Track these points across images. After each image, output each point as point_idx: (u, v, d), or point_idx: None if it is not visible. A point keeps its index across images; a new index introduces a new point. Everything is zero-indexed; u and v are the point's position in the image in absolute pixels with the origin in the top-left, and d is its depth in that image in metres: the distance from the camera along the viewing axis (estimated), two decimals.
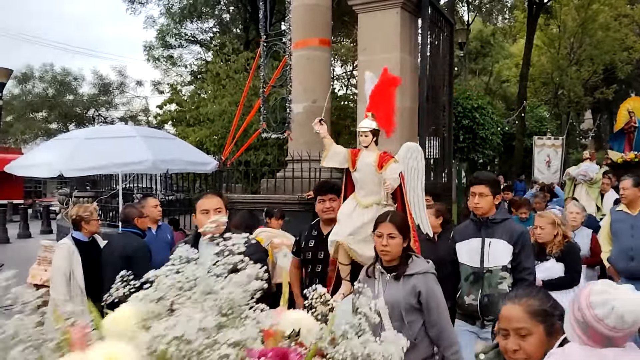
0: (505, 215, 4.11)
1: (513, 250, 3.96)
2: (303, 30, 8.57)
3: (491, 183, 4.11)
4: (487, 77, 33.65)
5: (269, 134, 9.23)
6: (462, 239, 4.22)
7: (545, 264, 4.91)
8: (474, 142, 14.37)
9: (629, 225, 5.56)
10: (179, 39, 27.79)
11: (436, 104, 8.88)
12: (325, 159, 4.94)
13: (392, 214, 3.47)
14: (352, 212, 4.64)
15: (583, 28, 25.85)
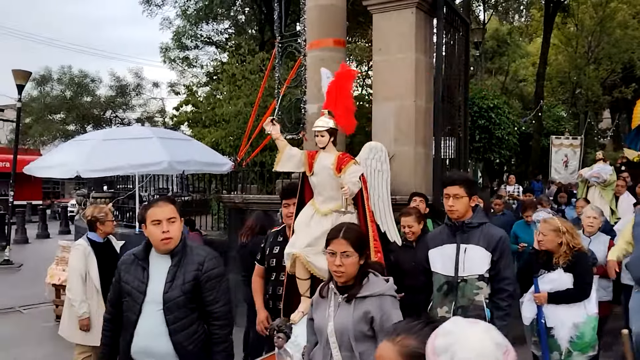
0: (482, 219, 3.77)
1: (491, 257, 3.62)
2: (318, 31, 8.57)
3: (466, 183, 3.75)
4: (503, 77, 33.39)
5: (284, 135, 9.23)
6: (436, 245, 3.86)
7: (552, 274, 4.53)
8: (490, 142, 14.26)
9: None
10: (194, 40, 27.93)
11: (452, 103, 8.84)
12: (279, 163, 4.65)
13: (346, 228, 2.98)
14: (309, 221, 4.32)
15: (601, 26, 25.56)
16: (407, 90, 7.98)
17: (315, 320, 3.04)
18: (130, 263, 3.36)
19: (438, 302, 3.78)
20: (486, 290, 3.65)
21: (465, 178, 3.82)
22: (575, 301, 4.36)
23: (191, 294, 3.22)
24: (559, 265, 4.50)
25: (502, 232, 3.75)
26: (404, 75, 7.99)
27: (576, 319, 4.29)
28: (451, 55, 8.86)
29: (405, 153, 8.00)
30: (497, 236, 3.67)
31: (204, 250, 3.46)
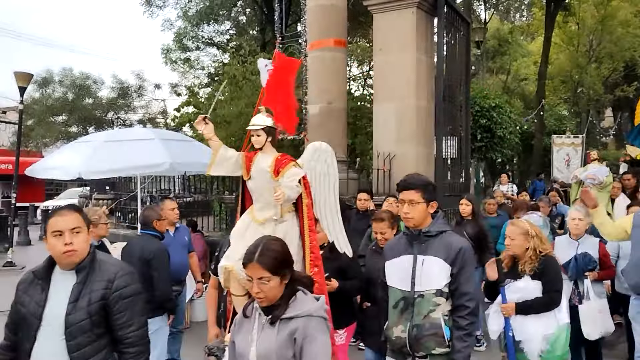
0: (442, 226, 3.37)
1: (450, 270, 3.24)
2: (318, 31, 8.58)
3: (423, 188, 3.33)
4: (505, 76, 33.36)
5: (285, 136, 9.24)
6: (393, 256, 3.44)
7: (518, 282, 4.16)
8: (492, 141, 14.25)
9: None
10: (196, 41, 27.96)
11: (453, 103, 8.84)
12: (212, 166, 4.20)
13: (261, 250, 2.58)
14: (245, 231, 3.97)
15: (602, 25, 25.53)
16: (408, 90, 7.98)
17: (236, 344, 2.73)
18: (29, 282, 2.89)
19: (394, 320, 3.38)
20: (445, 306, 3.27)
21: (422, 182, 3.38)
22: (545, 310, 4.06)
23: (98, 316, 2.78)
24: (525, 273, 4.15)
25: (463, 242, 3.34)
26: (405, 75, 7.99)
27: (547, 331, 4.02)
28: (452, 55, 8.87)
29: (407, 153, 8.01)
30: (457, 246, 3.26)
31: (116, 264, 3.03)
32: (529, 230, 4.18)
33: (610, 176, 9.46)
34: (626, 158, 15.08)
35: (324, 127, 8.55)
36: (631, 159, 14.46)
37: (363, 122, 13.06)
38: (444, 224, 3.40)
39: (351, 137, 11.32)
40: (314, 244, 3.96)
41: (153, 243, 5.19)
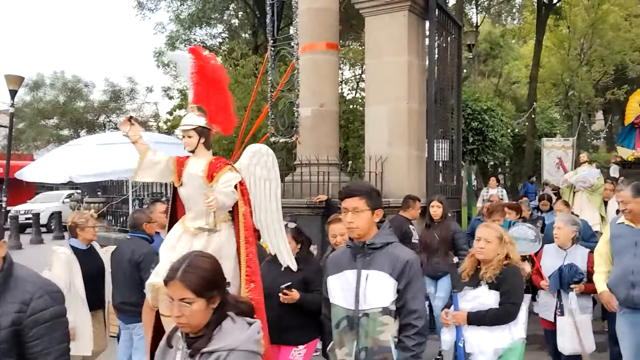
0: (388, 237, 3.05)
1: (396, 285, 2.92)
2: (310, 34, 8.58)
3: (368, 194, 3.02)
4: (496, 79, 33.55)
5: (277, 138, 9.24)
6: (336, 271, 3.10)
7: (473, 291, 3.85)
8: (484, 144, 14.29)
9: (632, 241, 4.35)
10: (188, 44, 27.91)
11: (444, 106, 8.86)
12: (138, 172, 3.86)
13: (187, 265, 2.19)
14: (176, 243, 3.67)
15: (593, 28, 25.71)
16: (399, 93, 7.99)
17: None
18: None
19: (337, 341, 3.06)
20: (394, 326, 2.94)
21: (365, 188, 3.09)
22: (498, 323, 3.76)
23: (9, 344, 2.39)
24: (484, 281, 3.83)
25: (409, 255, 3.02)
26: (397, 78, 8.00)
27: (498, 345, 3.73)
28: (444, 58, 8.89)
29: (399, 156, 8.01)
30: (403, 259, 2.94)
31: (36, 283, 2.56)
32: (502, 235, 3.94)
33: (602, 178, 9.20)
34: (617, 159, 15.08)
35: (315, 129, 8.55)
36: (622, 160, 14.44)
37: (355, 125, 13.07)
38: (390, 235, 3.10)
39: (343, 140, 11.32)
40: (250, 257, 3.65)
41: (142, 246, 5.17)
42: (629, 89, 28.17)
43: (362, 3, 8.29)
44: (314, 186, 7.95)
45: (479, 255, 3.92)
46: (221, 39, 28.49)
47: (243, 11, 26.69)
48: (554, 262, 5.06)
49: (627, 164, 14.34)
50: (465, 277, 4.00)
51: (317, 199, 7.55)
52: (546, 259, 5.22)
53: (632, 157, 14.15)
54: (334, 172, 8.40)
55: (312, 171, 8.00)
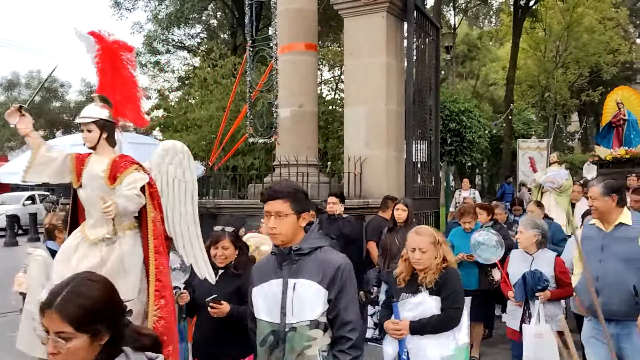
0: (316, 241, 2.76)
1: (327, 295, 2.63)
2: (289, 35, 8.57)
3: (292, 196, 2.72)
4: (474, 81, 33.87)
5: (256, 139, 9.21)
6: (260, 281, 2.78)
7: (413, 298, 3.61)
8: (462, 145, 14.41)
9: (599, 245, 4.07)
10: (166, 44, 27.74)
11: (423, 107, 8.91)
12: (30, 170, 3.42)
13: (69, 291, 1.75)
14: (73, 253, 3.28)
15: (568, 31, 26.07)
16: (378, 94, 8.02)
17: None
18: None
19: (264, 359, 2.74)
20: (323, 340, 2.65)
21: (290, 189, 2.76)
22: (443, 330, 3.57)
23: None
24: (424, 287, 3.61)
25: (341, 259, 2.72)
26: (375, 79, 8.03)
27: (444, 352, 3.55)
28: (422, 59, 8.94)
29: (377, 157, 8.04)
30: (334, 264, 2.66)
31: None
32: (435, 237, 3.69)
33: (570, 179, 8.94)
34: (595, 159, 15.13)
35: (294, 130, 8.54)
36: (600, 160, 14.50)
37: (334, 126, 13.10)
38: (319, 238, 2.81)
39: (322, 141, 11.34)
40: (160, 269, 3.28)
41: None
42: (603, 90, 28.67)
43: (341, 4, 8.31)
44: None
45: (417, 266, 3.65)
46: (200, 39, 28.34)
47: (222, 12, 26.57)
48: (520, 268, 4.87)
49: (604, 164, 14.48)
50: (401, 282, 3.73)
51: None
52: (512, 265, 5.05)
53: (610, 157, 14.08)
54: (313, 173, 8.40)
55: (291, 172, 7.99)
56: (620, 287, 3.88)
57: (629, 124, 14.70)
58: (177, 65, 29.20)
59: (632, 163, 14.01)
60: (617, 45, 27.38)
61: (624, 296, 3.87)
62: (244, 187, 9.47)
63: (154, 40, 27.06)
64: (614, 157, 14.11)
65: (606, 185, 4.01)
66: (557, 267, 4.76)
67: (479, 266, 5.98)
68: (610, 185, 4.02)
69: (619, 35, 28.34)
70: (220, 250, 3.71)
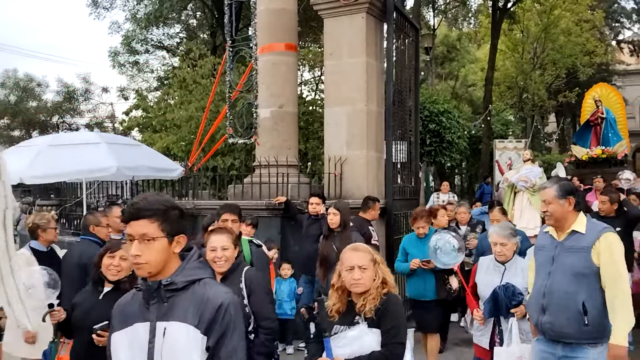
0: (194, 273, 2.20)
1: (205, 341, 2.11)
2: (269, 35, 8.55)
3: (163, 215, 2.14)
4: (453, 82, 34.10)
5: (236, 139, 9.17)
6: (122, 325, 2.21)
7: (349, 331, 3.03)
8: (441, 145, 14.52)
9: (550, 257, 3.63)
10: (145, 44, 27.50)
11: (402, 108, 8.94)
12: None
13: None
14: None
15: (546, 33, 26.34)
16: (358, 95, 8.03)
17: None
18: None
19: None
20: None
21: (160, 206, 2.15)
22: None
23: None
24: (362, 317, 3.04)
25: (224, 295, 2.18)
26: (355, 79, 8.04)
27: None
28: (402, 60, 8.97)
29: (357, 157, 8.05)
30: (214, 302, 2.13)
31: None
32: (373, 254, 3.16)
33: (544, 177, 8.45)
34: (571, 159, 15.12)
35: (275, 131, 8.52)
36: (577, 160, 14.54)
37: (315, 127, 13.10)
38: (199, 268, 2.25)
39: (303, 142, 11.33)
40: None
41: (90, 248, 5.04)
42: (580, 92, 29.04)
43: (321, 4, 8.30)
44: (273, 188, 7.92)
45: (356, 289, 3.05)
46: (179, 39, 28.15)
47: (201, 11, 26.40)
48: (491, 280, 4.40)
49: (581, 164, 14.49)
50: (334, 315, 3.12)
51: (276, 201, 7.52)
52: (482, 276, 4.52)
53: (586, 157, 14.02)
54: (293, 174, 8.38)
55: (272, 172, 7.97)
56: (568, 305, 3.46)
57: (607, 122, 14.49)
58: (156, 65, 29.00)
59: (609, 163, 13.91)
60: (593, 47, 27.74)
61: (572, 315, 3.44)
62: (223, 187, 9.42)
63: (133, 40, 26.80)
64: (590, 157, 13.99)
65: (562, 187, 3.58)
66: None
67: (436, 274, 5.61)
68: (566, 187, 3.61)
69: (595, 37, 28.70)
70: (116, 260, 3.38)
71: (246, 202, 7.82)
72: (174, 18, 26.59)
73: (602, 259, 3.40)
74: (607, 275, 3.39)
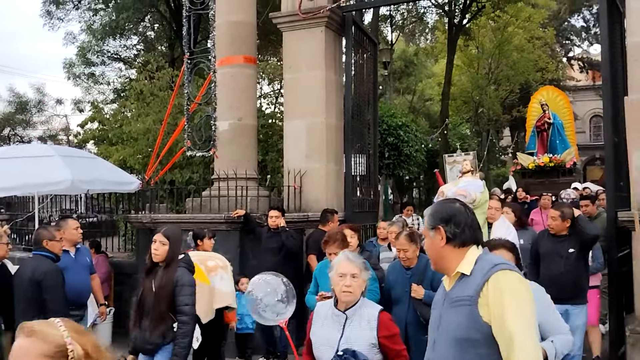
0: None
1: None
2: (228, 48, 8.52)
3: None
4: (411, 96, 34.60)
5: (194, 152, 9.07)
6: None
7: None
8: (399, 158, 14.68)
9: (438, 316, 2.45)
10: (101, 56, 27.03)
11: (361, 121, 9.02)
12: None
13: None
14: None
15: (500, 49, 27.04)
16: (317, 108, 8.07)
17: None
18: None
19: None
20: None
21: None
22: None
23: None
24: None
25: None
26: (315, 93, 8.08)
27: None
28: (360, 74, 9.06)
29: (317, 170, 8.07)
30: None
31: None
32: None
33: (486, 192, 6.77)
34: (517, 167, 14.42)
35: (234, 143, 8.46)
36: (522, 169, 14.02)
37: (274, 140, 13.06)
38: None
39: (262, 154, 11.27)
40: None
41: (44, 264, 4.91)
42: None
43: (280, 18, 8.34)
44: (232, 201, 7.85)
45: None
46: (136, 50, 27.77)
47: (159, 23, 26.13)
48: (329, 336, 3.20)
49: (528, 173, 13.56)
50: None
51: (235, 214, 7.46)
52: (317, 329, 3.31)
53: (533, 165, 13.27)
54: (252, 187, 8.33)
55: (230, 185, 7.91)
56: None
57: (554, 128, 13.56)
58: (112, 77, 28.53)
59: (557, 172, 12.99)
60: (544, 63, 28.62)
61: None
62: (181, 201, 9.29)
63: (88, 51, 26.31)
64: (537, 166, 13.16)
65: (433, 213, 2.45)
66: (381, 329, 3.13)
67: None
68: (441, 211, 2.43)
69: (547, 54, 29.63)
70: None
71: (205, 216, 7.73)
72: (131, 29, 26.24)
73: (492, 314, 2.17)
74: (500, 343, 2.15)
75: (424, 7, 28.08)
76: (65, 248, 5.55)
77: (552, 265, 5.53)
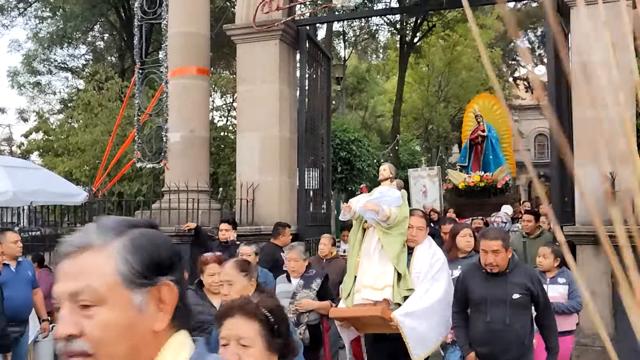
0: None
1: None
2: (180, 58, 8.41)
3: None
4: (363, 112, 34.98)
5: (144, 164, 8.89)
6: None
7: None
8: (352, 173, 14.77)
9: None
10: (47, 65, 26.31)
11: (315, 135, 9.03)
12: None
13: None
14: None
15: (449, 68, 27.68)
16: (271, 121, 8.03)
17: None
18: None
19: None
20: None
21: None
22: None
23: None
24: None
25: None
26: (268, 105, 8.05)
27: None
28: (314, 88, 9.08)
29: (270, 183, 8.02)
30: None
31: None
32: None
33: (406, 207, 4.63)
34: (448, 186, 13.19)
35: (185, 155, 8.33)
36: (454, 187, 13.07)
37: (226, 152, 12.97)
38: None
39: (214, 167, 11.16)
40: None
41: None
42: None
43: (234, 30, 8.29)
44: (182, 213, 7.71)
45: None
46: (85, 60, 27.15)
47: (109, 33, 25.65)
48: None
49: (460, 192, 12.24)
50: None
51: (186, 227, 7.32)
52: None
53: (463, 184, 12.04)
54: (204, 199, 8.21)
55: (181, 198, 7.76)
56: None
57: (488, 142, 12.32)
58: (59, 87, 27.79)
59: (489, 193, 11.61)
60: (492, 83, 29.44)
61: None
62: (130, 213, 9.06)
63: (34, 59, 25.58)
64: (466, 185, 11.90)
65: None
66: None
67: None
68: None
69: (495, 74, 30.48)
70: None
71: None
72: (80, 39, 25.66)
73: None
74: None
75: (376, 25, 28.53)
76: (6, 262, 5.32)
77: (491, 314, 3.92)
